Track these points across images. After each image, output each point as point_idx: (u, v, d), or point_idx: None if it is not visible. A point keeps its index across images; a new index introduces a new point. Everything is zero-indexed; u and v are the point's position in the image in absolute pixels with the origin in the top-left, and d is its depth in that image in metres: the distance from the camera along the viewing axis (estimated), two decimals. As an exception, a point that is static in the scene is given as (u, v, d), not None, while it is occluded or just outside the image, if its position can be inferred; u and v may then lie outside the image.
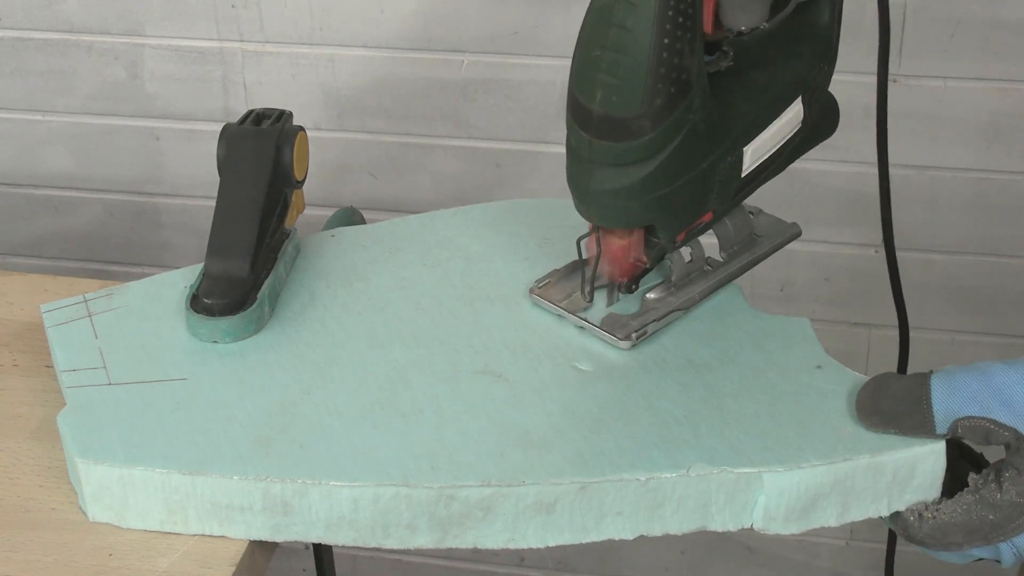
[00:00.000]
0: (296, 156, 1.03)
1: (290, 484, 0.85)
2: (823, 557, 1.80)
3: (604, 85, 0.82)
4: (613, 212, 0.87)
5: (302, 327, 0.99)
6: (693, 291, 0.96)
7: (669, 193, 0.86)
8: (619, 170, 0.84)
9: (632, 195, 0.85)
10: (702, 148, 0.86)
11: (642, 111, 0.82)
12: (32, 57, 1.65)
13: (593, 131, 0.84)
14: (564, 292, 0.96)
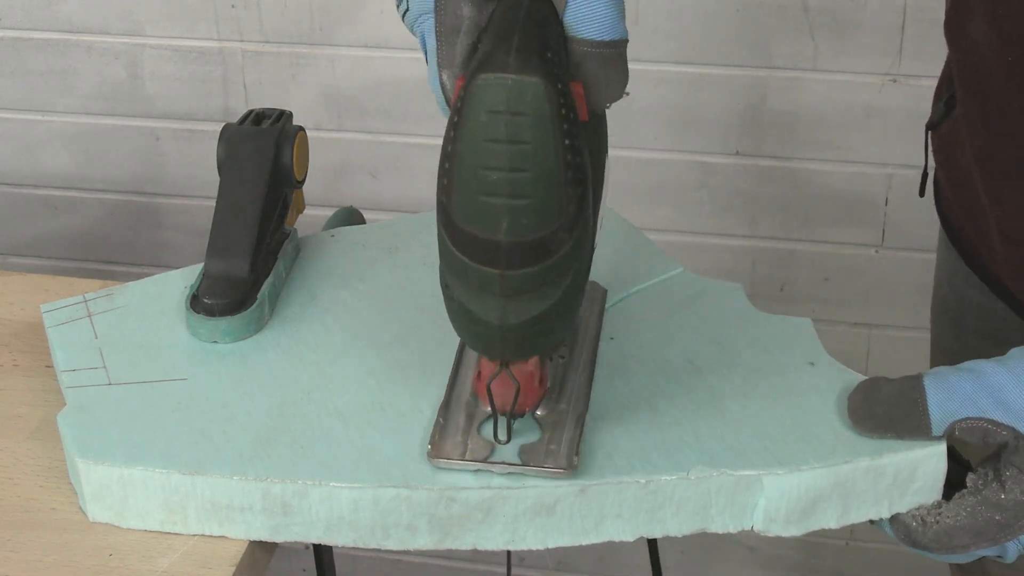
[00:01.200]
0: (296, 156, 1.03)
1: (290, 484, 0.85)
2: (823, 557, 1.80)
3: (511, 210, 0.73)
4: (532, 341, 0.79)
5: (302, 327, 0.99)
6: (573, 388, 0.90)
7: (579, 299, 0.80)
8: (536, 294, 0.76)
9: (552, 316, 0.78)
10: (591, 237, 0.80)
11: (558, 224, 0.74)
12: (32, 57, 1.65)
13: (504, 263, 0.74)
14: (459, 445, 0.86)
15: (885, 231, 1.57)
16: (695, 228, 1.60)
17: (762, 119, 1.53)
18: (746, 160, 1.56)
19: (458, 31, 0.77)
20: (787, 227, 1.59)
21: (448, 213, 0.75)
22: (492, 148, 0.72)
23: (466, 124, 0.73)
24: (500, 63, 0.72)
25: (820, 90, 1.51)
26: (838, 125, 1.52)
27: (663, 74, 1.53)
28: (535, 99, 0.72)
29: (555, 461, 0.84)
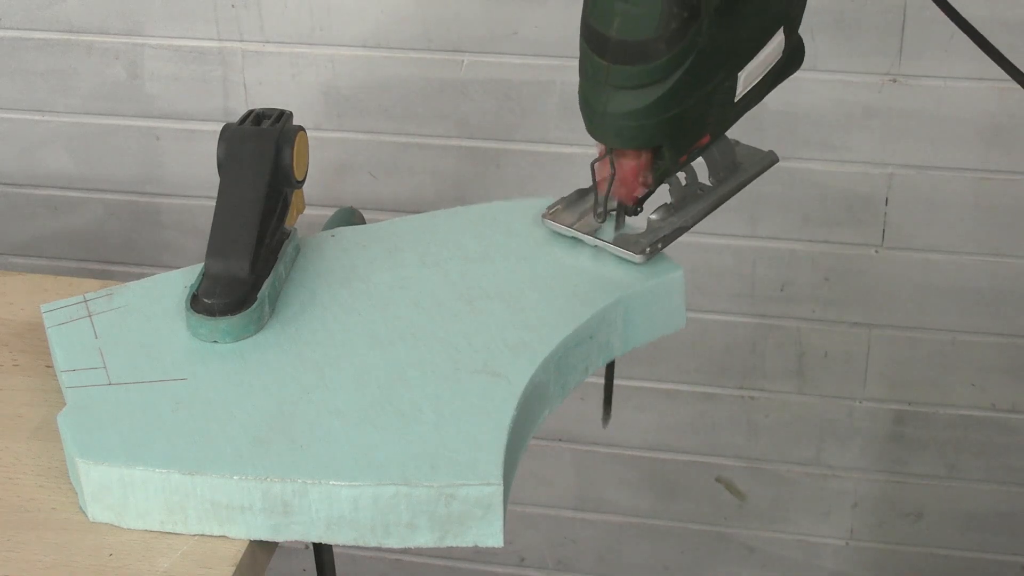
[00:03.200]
0: (296, 156, 1.03)
1: (290, 484, 0.85)
2: (823, 557, 1.80)
3: (622, 13, 0.86)
4: (629, 133, 0.91)
5: (302, 327, 0.99)
6: (691, 211, 1.02)
7: (679, 114, 0.91)
8: (635, 92, 0.88)
9: (647, 115, 0.89)
10: (708, 71, 0.91)
11: (658, 35, 0.86)
12: (32, 57, 1.65)
13: (611, 56, 0.88)
14: (574, 216, 1.01)
15: (885, 231, 1.57)
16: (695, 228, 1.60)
17: (762, 119, 1.53)
18: (746, 160, 1.56)
19: None
20: (787, 227, 1.59)
21: (584, 10, 0.89)
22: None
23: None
24: None
25: (820, 90, 1.51)
26: (838, 125, 1.52)
27: (663, 74, 1.53)
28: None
29: (634, 247, 0.99)
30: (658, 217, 1.01)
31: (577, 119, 1.54)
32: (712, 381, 1.70)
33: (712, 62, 0.92)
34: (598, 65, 0.89)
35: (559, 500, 1.83)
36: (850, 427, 1.69)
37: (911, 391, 1.64)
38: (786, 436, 1.72)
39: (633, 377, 1.72)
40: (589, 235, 1.00)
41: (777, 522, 1.79)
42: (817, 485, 1.74)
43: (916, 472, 1.70)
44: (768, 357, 1.67)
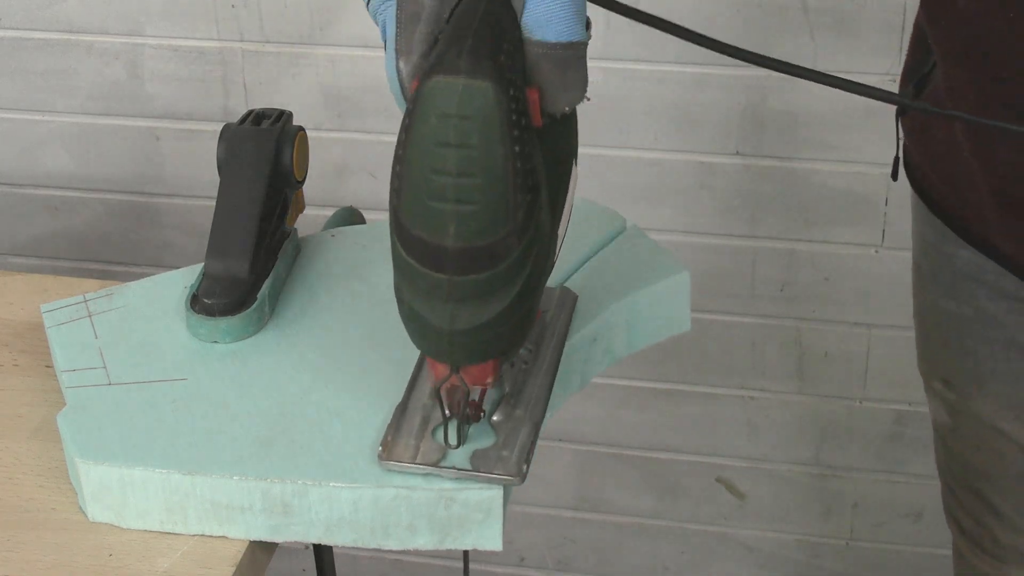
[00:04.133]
0: (296, 156, 1.03)
1: (290, 484, 0.85)
2: (823, 557, 1.80)
3: (458, 215, 0.72)
4: (481, 347, 0.78)
5: (302, 327, 0.99)
6: (530, 395, 0.89)
7: (531, 307, 0.79)
8: (484, 300, 0.75)
9: (501, 323, 0.76)
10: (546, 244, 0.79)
11: (507, 231, 0.73)
12: (32, 57, 1.65)
13: (451, 268, 0.74)
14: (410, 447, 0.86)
15: (885, 231, 1.57)
16: (695, 228, 1.60)
17: (762, 119, 1.53)
18: (746, 160, 1.56)
19: (418, 19, 0.76)
20: (787, 227, 1.59)
21: (398, 216, 0.75)
22: (440, 152, 0.72)
23: (416, 127, 0.72)
24: (451, 66, 0.71)
25: (820, 90, 1.51)
26: (838, 125, 1.52)
27: (663, 74, 1.53)
28: (484, 103, 0.71)
29: (505, 468, 0.84)
30: (502, 417, 0.87)
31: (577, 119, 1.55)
32: (712, 381, 1.70)
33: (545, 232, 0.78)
34: (434, 281, 0.74)
35: (559, 500, 1.83)
36: (850, 427, 1.69)
37: (911, 391, 1.64)
38: (786, 436, 1.72)
39: (633, 377, 1.72)
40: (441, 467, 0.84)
41: (777, 522, 1.79)
42: (817, 485, 1.75)
43: (916, 472, 1.70)
44: (768, 357, 1.67)
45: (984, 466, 1.16)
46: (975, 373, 1.12)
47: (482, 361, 0.80)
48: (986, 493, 1.17)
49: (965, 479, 1.19)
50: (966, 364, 1.13)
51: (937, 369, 1.17)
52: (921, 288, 1.16)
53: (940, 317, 1.14)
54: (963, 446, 1.18)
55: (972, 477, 1.18)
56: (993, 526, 1.17)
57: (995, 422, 1.13)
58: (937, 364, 1.17)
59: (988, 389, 1.12)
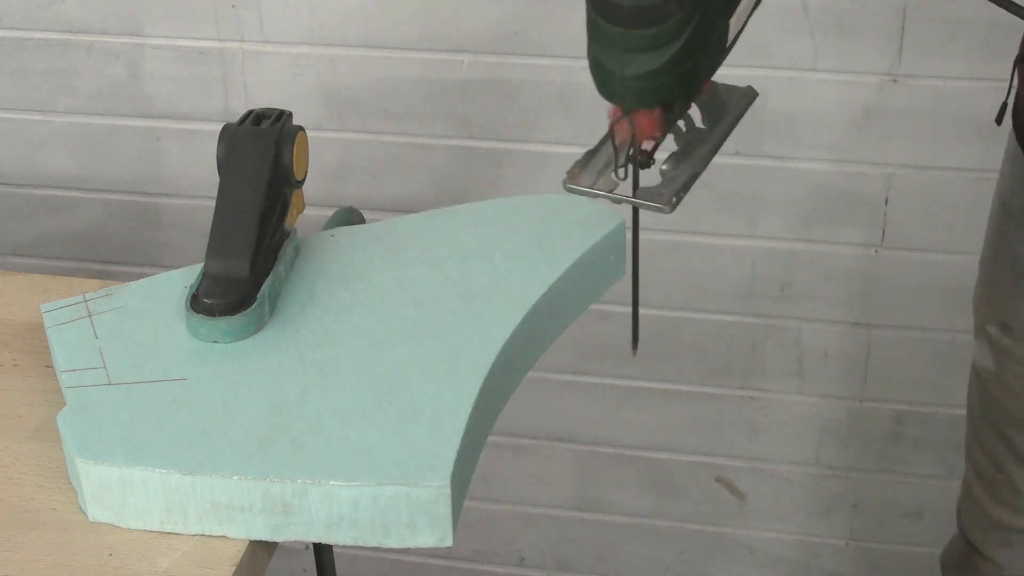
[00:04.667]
0: (296, 156, 1.03)
1: (290, 484, 0.85)
2: (823, 557, 1.80)
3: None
4: (648, 93, 0.93)
5: (302, 327, 0.99)
6: (698, 156, 1.05)
7: (691, 67, 0.93)
8: (652, 53, 0.91)
9: (664, 74, 0.92)
10: (711, 20, 0.94)
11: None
12: (32, 57, 1.65)
13: (625, 21, 0.90)
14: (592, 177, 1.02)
15: (885, 231, 1.57)
16: (695, 228, 1.60)
17: (762, 119, 1.53)
18: (746, 160, 1.56)
19: None
20: (787, 227, 1.59)
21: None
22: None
23: None
24: None
25: (820, 90, 1.51)
26: (838, 125, 1.52)
27: (663, 74, 1.53)
28: None
29: (659, 199, 1.00)
30: (670, 167, 1.04)
31: (577, 119, 1.55)
32: (712, 381, 1.70)
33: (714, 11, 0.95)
34: (612, 33, 0.91)
35: (559, 500, 1.83)
36: (850, 427, 1.69)
37: (911, 391, 1.64)
38: (786, 436, 1.72)
39: (633, 377, 1.72)
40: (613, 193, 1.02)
41: (777, 522, 1.79)
42: (817, 485, 1.74)
43: (916, 472, 1.70)
44: (768, 357, 1.67)
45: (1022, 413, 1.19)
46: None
47: (648, 106, 0.95)
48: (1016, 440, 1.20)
49: (997, 425, 1.22)
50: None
51: (998, 312, 1.20)
52: (1004, 229, 1.18)
53: (1016, 261, 1.16)
54: (1005, 393, 1.20)
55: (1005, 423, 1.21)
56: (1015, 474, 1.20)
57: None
58: (999, 307, 1.20)
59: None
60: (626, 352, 1.70)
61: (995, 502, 1.25)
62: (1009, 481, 1.23)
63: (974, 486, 1.28)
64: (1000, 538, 1.26)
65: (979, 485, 1.27)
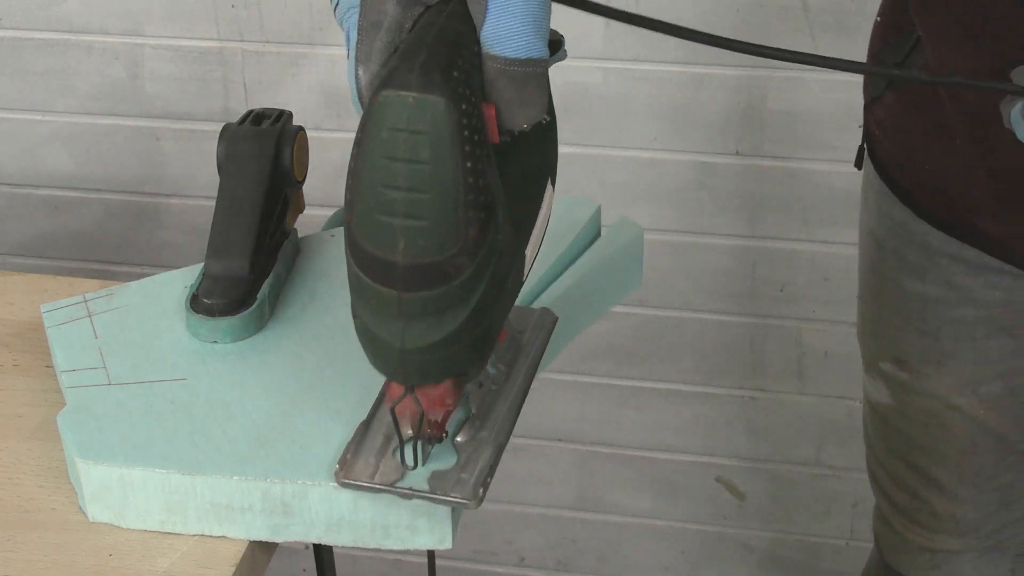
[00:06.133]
0: (296, 156, 1.03)
1: (290, 484, 0.85)
2: (823, 557, 1.80)
3: (407, 231, 0.71)
4: (434, 367, 0.77)
5: (302, 327, 0.99)
6: (497, 417, 0.87)
7: (487, 327, 0.77)
8: (436, 319, 0.74)
9: (453, 343, 0.75)
10: (506, 266, 0.77)
11: (457, 248, 0.72)
12: (32, 57, 1.65)
13: (400, 285, 0.73)
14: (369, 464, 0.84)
15: (885, 231, 1.57)
16: (695, 228, 1.60)
17: (762, 119, 1.53)
18: (746, 160, 1.56)
19: (380, 27, 0.75)
20: (787, 227, 1.59)
21: (350, 230, 0.74)
22: (391, 166, 0.71)
23: (368, 140, 0.72)
24: (403, 81, 0.71)
25: (820, 90, 1.51)
26: (838, 125, 1.52)
27: (663, 74, 1.53)
28: (435, 118, 0.70)
29: (461, 491, 0.82)
30: (466, 438, 0.85)
31: (577, 119, 1.55)
32: (712, 381, 1.70)
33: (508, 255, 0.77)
34: (384, 296, 0.73)
35: (559, 500, 1.83)
36: (850, 427, 1.69)
37: (911, 391, 1.64)
38: (786, 436, 1.72)
39: (633, 377, 1.72)
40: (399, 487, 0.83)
41: (777, 522, 1.79)
42: (817, 485, 1.75)
43: (916, 472, 1.70)
44: (768, 357, 1.67)
45: (929, 442, 1.19)
46: (935, 352, 1.14)
47: (436, 381, 0.78)
48: (927, 468, 1.19)
49: (904, 455, 1.22)
50: (926, 343, 1.14)
51: (889, 349, 1.19)
52: (880, 266, 1.17)
53: (901, 296, 1.15)
54: (907, 424, 1.20)
55: (912, 453, 1.20)
56: (931, 498, 1.20)
57: (950, 399, 1.15)
58: (890, 344, 1.19)
59: (948, 367, 1.14)
60: (626, 352, 1.70)
61: (916, 529, 1.24)
62: (928, 507, 1.21)
63: (890, 516, 1.26)
64: (927, 562, 1.24)
65: (895, 514, 1.25)
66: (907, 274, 1.13)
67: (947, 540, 1.22)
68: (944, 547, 1.23)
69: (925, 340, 1.14)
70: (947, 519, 1.21)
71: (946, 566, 1.23)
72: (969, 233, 1.07)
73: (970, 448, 1.17)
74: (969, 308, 1.11)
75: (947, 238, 1.09)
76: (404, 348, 0.75)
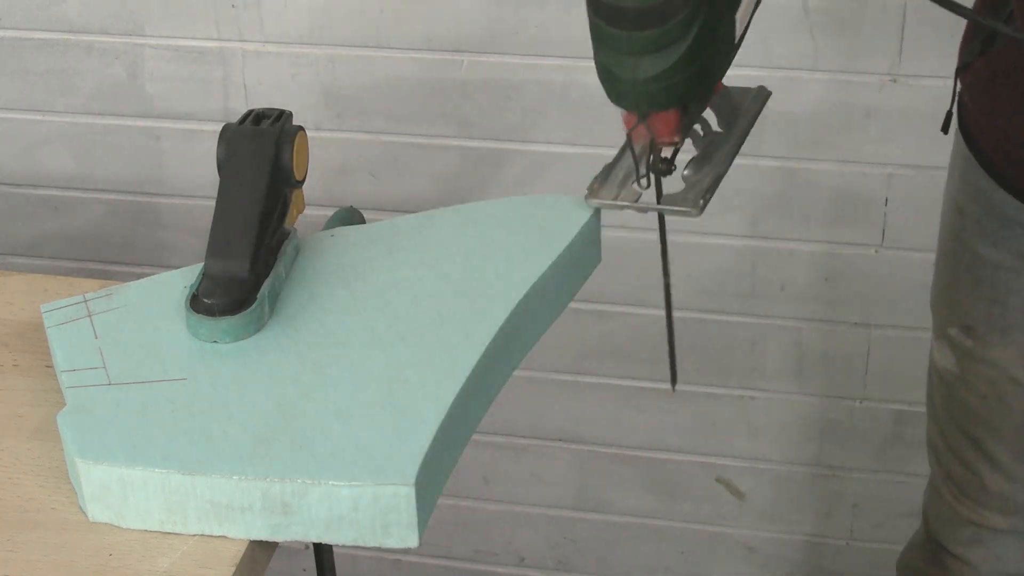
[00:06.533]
0: (296, 156, 1.03)
1: (290, 484, 0.85)
2: (823, 557, 1.80)
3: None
4: (661, 95, 0.92)
5: (302, 327, 0.99)
6: (719, 158, 1.03)
7: (702, 66, 0.92)
8: (660, 54, 0.89)
9: (674, 74, 0.90)
10: (716, 15, 0.92)
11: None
12: (32, 57, 1.65)
13: (630, 24, 0.88)
14: (614, 190, 1.03)
15: (885, 231, 1.57)
16: (695, 228, 1.60)
17: (762, 119, 1.53)
18: (746, 160, 1.56)
19: None
20: (787, 227, 1.59)
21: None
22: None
23: None
24: None
25: (820, 90, 1.51)
26: (838, 125, 1.52)
27: (663, 74, 1.53)
28: None
29: (685, 202, 1.00)
30: (691, 171, 1.03)
31: (577, 118, 1.55)
32: (712, 381, 1.70)
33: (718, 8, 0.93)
34: (617, 36, 0.89)
35: (559, 500, 1.83)
36: (850, 427, 1.69)
37: (911, 391, 1.64)
38: (786, 436, 1.72)
39: (633, 377, 1.72)
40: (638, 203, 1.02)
41: (777, 522, 1.79)
42: (817, 485, 1.74)
43: (916, 472, 1.70)
44: (768, 357, 1.67)
45: (988, 414, 1.19)
46: (1002, 321, 1.15)
47: (663, 108, 0.93)
48: (984, 441, 1.20)
49: (963, 426, 1.22)
50: (993, 311, 1.15)
51: (958, 315, 1.20)
52: (959, 232, 1.18)
53: (975, 262, 1.16)
54: (969, 393, 1.20)
55: (972, 424, 1.21)
56: (984, 473, 1.21)
57: (1012, 371, 1.16)
58: (960, 310, 1.20)
59: (1012, 338, 1.15)
60: (626, 352, 1.70)
61: (965, 501, 1.25)
62: (979, 480, 1.23)
63: (942, 487, 1.28)
64: (971, 536, 1.26)
65: (948, 485, 1.27)
66: (983, 241, 1.16)
67: (994, 517, 1.24)
68: (990, 524, 1.24)
69: (993, 308, 1.16)
70: (996, 496, 1.22)
71: (990, 542, 1.25)
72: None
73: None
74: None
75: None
76: (635, 79, 0.90)
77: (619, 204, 1.02)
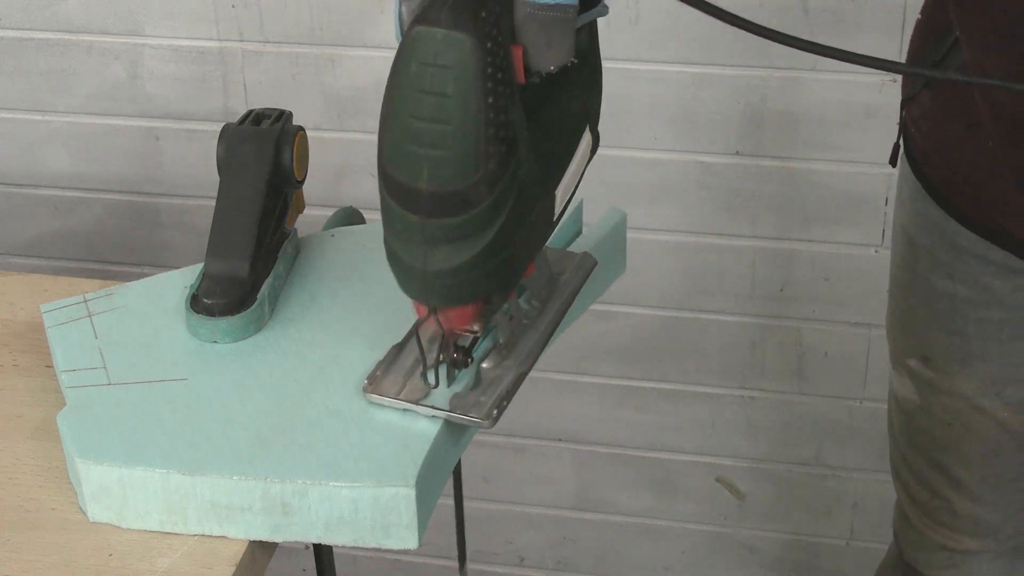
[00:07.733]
0: (296, 156, 1.03)
1: (290, 484, 0.85)
2: (823, 557, 1.80)
3: (431, 160, 0.76)
4: (455, 291, 0.82)
5: (302, 327, 0.99)
6: (524, 349, 0.92)
7: (508, 256, 0.81)
8: (457, 245, 0.79)
9: (473, 268, 0.80)
10: (529, 201, 0.82)
11: (477, 178, 0.77)
12: (32, 57, 1.65)
13: (424, 211, 0.78)
14: (397, 383, 0.89)
15: (885, 231, 1.57)
16: (695, 228, 1.60)
17: (762, 119, 1.53)
18: (746, 160, 1.56)
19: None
20: (787, 227, 1.59)
21: (381, 159, 0.79)
22: (418, 98, 0.76)
23: (399, 73, 0.77)
24: (434, 17, 0.76)
25: (820, 90, 1.51)
26: (838, 125, 1.52)
27: (663, 74, 1.53)
28: (461, 54, 0.75)
29: (478, 411, 0.87)
30: (491, 364, 0.90)
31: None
32: (712, 381, 1.70)
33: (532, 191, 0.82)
34: (408, 221, 0.78)
35: (559, 500, 1.83)
36: (850, 427, 1.69)
37: (911, 391, 1.64)
38: (786, 436, 1.72)
39: (633, 377, 1.72)
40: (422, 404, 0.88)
41: (777, 522, 1.79)
42: (817, 485, 1.75)
43: (916, 472, 1.70)
44: (768, 357, 1.67)
45: (953, 441, 1.19)
46: (962, 352, 1.14)
47: (457, 304, 0.83)
48: (951, 467, 1.19)
49: (927, 452, 1.21)
50: (952, 342, 1.14)
51: (915, 346, 1.19)
52: (913, 264, 1.17)
53: (931, 294, 1.15)
54: (932, 422, 1.19)
55: (936, 451, 1.20)
56: (952, 498, 1.20)
57: (975, 400, 1.15)
58: (917, 341, 1.19)
59: (973, 368, 1.14)
60: (626, 352, 1.70)
61: (935, 526, 1.24)
62: (948, 505, 1.22)
63: (910, 512, 1.26)
64: (944, 560, 1.25)
65: (915, 510, 1.26)
66: (937, 272, 1.13)
67: (966, 540, 1.23)
68: (962, 547, 1.23)
69: (952, 339, 1.14)
70: (967, 519, 1.21)
71: (963, 565, 1.24)
72: (998, 234, 1.08)
73: (993, 450, 1.17)
74: (996, 310, 1.11)
75: (977, 238, 1.09)
76: (426, 271, 0.80)
77: (399, 403, 0.87)
